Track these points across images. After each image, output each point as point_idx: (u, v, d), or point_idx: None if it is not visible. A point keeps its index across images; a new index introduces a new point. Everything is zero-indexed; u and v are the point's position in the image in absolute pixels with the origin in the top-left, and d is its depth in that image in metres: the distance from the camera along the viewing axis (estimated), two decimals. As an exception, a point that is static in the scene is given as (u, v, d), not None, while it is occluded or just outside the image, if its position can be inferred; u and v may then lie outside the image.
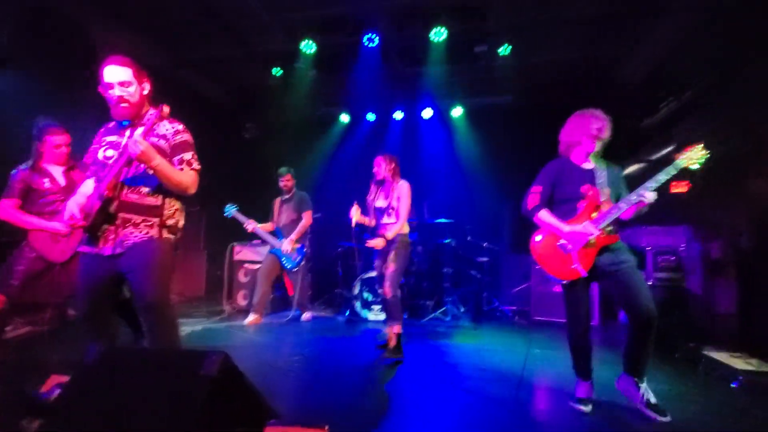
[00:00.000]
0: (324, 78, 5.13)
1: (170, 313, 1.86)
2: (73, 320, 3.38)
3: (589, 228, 2.01)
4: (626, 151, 5.33)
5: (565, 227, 2.07)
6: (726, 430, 1.98)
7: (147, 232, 1.82)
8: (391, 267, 2.99)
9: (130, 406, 1.13)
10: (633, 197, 2.00)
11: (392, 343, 2.96)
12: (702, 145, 2.00)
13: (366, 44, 4.36)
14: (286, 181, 4.38)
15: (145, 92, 1.90)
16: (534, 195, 2.20)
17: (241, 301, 4.85)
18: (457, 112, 5.91)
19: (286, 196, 4.43)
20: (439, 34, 4.21)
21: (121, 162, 1.74)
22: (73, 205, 1.74)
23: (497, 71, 4.95)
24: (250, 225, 4.20)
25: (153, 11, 4.17)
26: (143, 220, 1.82)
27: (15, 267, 2.53)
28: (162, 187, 1.84)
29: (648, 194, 1.95)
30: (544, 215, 2.15)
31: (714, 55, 3.83)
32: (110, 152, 1.84)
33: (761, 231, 3.36)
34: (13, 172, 2.60)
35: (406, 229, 3.13)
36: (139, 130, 1.77)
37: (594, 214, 2.06)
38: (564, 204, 2.14)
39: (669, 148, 4.68)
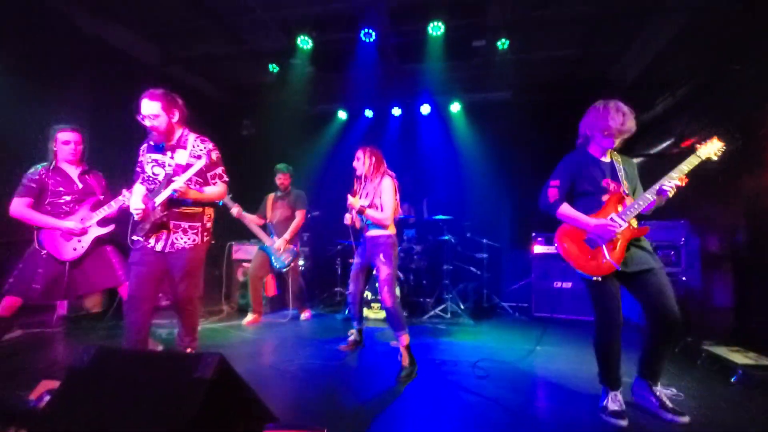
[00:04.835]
0: (321, 74, 5.09)
1: (197, 305, 2.48)
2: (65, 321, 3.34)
3: (617, 220, 1.96)
4: (624, 145, 5.33)
5: (592, 221, 1.99)
6: (724, 422, 1.98)
7: (194, 240, 2.35)
8: (385, 271, 2.70)
9: (122, 411, 1.10)
10: (662, 186, 1.96)
11: (405, 360, 2.62)
12: (717, 138, 2.06)
13: (363, 39, 4.31)
14: (283, 179, 4.28)
15: (175, 119, 2.29)
16: (553, 189, 2.11)
17: (240, 301, 4.82)
18: (455, 107, 5.87)
19: (281, 193, 4.31)
20: (436, 29, 4.17)
21: (164, 185, 2.25)
22: (138, 199, 2.27)
23: (496, 67, 4.92)
24: (236, 209, 3.97)
25: (146, 7, 4.12)
26: (190, 227, 2.35)
27: (35, 270, 2.47)
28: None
29: (674, 185, 1.95)
30: (567, 209, 2.08)
31: (707, 52, 3.82)
32: (157, 170, 2.30)
33: (756, 227, 3.36)
34: (30, 171, 2.58)
35: (392, 230, 2.84)
36: (182, 177, 2.22)
37: (619, 207, 2.01)
38: (585, 197, 2.08)
39: (666, 143, 4.67)
